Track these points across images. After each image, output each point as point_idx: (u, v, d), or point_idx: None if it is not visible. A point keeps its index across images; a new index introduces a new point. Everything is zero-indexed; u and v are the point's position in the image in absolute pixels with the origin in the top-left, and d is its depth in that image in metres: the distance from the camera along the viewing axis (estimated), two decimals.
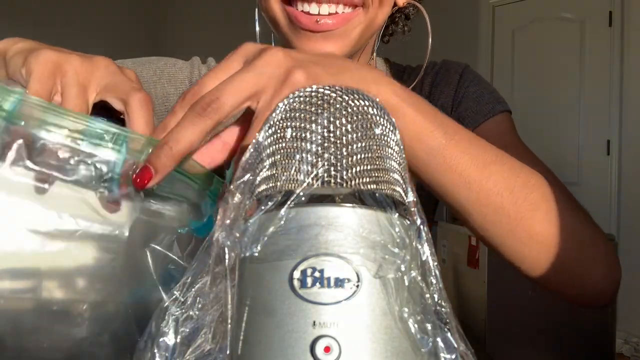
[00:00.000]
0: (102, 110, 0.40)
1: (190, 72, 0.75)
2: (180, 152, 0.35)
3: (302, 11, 0.58)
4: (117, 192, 0.36)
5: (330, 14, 0.58)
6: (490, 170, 0.46)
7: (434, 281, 0.26)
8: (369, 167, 0.26)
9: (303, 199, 0.24)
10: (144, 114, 0.38)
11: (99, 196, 0.36)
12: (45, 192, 0.36)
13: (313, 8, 0.58)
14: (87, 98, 0.39)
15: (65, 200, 0.36)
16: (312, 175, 0.25)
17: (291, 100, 0.28)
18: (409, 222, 0.26)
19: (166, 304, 0.28)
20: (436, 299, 0.26)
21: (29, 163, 0.34)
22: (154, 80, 0.72)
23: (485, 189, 0.46)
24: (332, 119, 0.26)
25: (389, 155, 0.27)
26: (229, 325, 0.25)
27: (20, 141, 0.34)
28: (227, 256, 0.26)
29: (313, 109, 0.27)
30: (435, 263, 0.26)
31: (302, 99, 0.27)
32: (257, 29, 0.66)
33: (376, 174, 0.26)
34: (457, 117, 0.64)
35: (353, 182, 0.25)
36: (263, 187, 0.26)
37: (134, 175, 0.35)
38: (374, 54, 0.71)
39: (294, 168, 0.25)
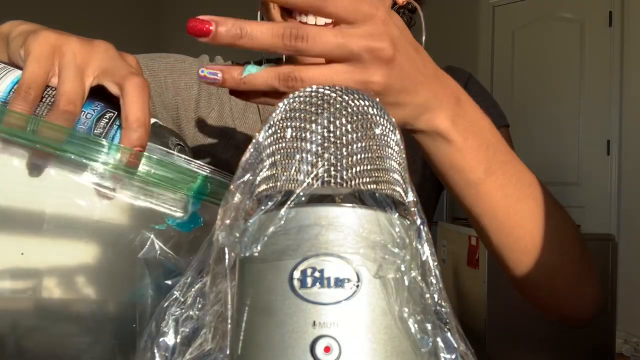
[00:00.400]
0: (100, 95, 0.40)
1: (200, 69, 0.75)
2: (242, 44, 0.34)
3: (300, 22, 0.59)
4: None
5: (327, 24, 0.59)
6: (521, 206, 0.47)
7: (434, 281, 0.26)
8: (369, 167, 0.26)
9: (303, 199, 0.24)
10: (139, 99, 0.37)
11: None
12: (40, 173, 0.36)
13: (310, 19, 0.58)
14: (84, 81, 0.38)
15: (51, 188, 0.36)
16: (312, 175, 0.25)
17: (291, 100, 0.28)
18: (409, 222, 0.26)
19: (166, 304, 0.28)
20: (436, 299, 0.26)
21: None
22: (165, 75, 0.73)
23: (511, 223, 0.48)
24: (332, 119, 0.26)
25: (389, 155, 0.27)
26: (229, 325, 0.25)
27: None
28: (227, 256, 0.26)
29: (313, 109, 0.27)
30: (435, 263, 0.26)
31: (302, 99, 0.27)
32: None
33: (376, 174, 0.26)
34: None
35: (353, 182, 0.25)
36: (263, 187, 0.26)
37: (190, 19, 0.33)
38: None
39: (294, 168, 0.25)
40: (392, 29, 0.37)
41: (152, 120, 0.42)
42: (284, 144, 0.26)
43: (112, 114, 0.39)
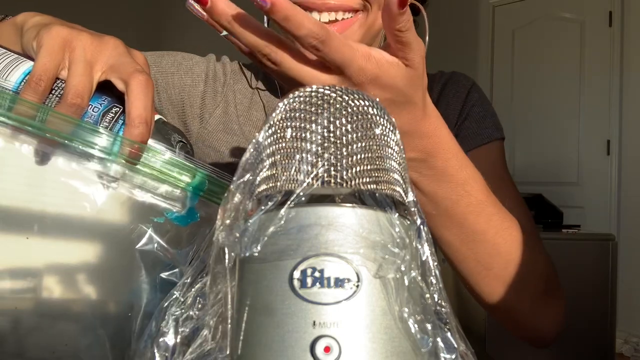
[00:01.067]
0: (109, 89, 0.41)
1: (207, 67, 0.76)
2: (231, 26, 0.34)
3: None
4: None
5: (330, 22, 0.59)
6: (469, 247, 0.50)
7: (434, 281, 0.26)
8: (369, 167, 0.26)
9: (303, 199, 0.24)
10: (142, 97, 0.38)
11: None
12: (42, 162, 0.36)
13: (314, 16, 0.59)
14: (93, 76, 0.40)
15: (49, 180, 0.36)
16: (312, 175, 0.25)
17: (291, 100, 0.28)
18: (409, 222, 0.26)
19: (166, 304, 0.28)
20: (436, 299, 0.26)
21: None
22: (172, 71, 0.74)
23: (460, 256, 0.50)
24: (332, 119, 0.26)
25: (389, 155, 0.27)
26: (229, 325, 0.25)
27: None
28: (227, 256, 0.26)
29: (313, 109, 0.27)
30: (435, 263, 0.26)
31: (302, 99, 0.27)
32: None
33: (376, 174, 0.26)
34: (456, 134, 0.68)
35: (353, 182, 0.25)
36: (263, 187, 0.26)
37: None
38: None
39: (294, 168, 0.25)
40: (363, 88, 0.38)
41: (157, 117, 0.42)
42: (284, 144, 0.26)
43: (118, 109, 0.40)
